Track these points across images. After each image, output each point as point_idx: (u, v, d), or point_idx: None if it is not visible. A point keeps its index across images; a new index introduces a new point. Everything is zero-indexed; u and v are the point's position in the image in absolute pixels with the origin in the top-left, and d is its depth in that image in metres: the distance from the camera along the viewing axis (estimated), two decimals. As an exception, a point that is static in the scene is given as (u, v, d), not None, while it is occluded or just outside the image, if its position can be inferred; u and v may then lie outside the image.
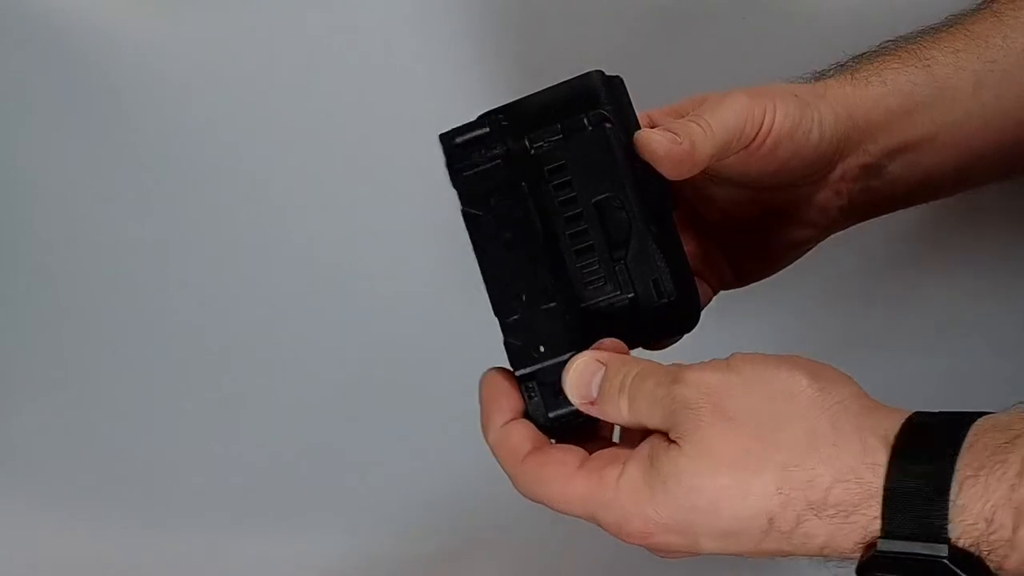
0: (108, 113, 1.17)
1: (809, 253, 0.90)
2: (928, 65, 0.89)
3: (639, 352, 0.80)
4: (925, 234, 1.17)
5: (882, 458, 0.68)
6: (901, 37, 0.91)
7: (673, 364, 0.73)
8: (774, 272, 0.89)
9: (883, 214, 0.91)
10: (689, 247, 0.85)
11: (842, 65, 0.89)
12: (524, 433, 0.76)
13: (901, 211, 0.92)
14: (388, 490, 1.26)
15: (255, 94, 1.17)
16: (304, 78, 1.17)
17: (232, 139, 1.18)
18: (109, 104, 1.17)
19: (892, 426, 0.69)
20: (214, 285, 1.23)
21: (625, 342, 0.77)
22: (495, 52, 1.14)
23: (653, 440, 0.72)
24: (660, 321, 0.78)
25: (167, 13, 1.15)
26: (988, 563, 0.67)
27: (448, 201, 1.15)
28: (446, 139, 0.80)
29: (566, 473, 0.73)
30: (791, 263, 0.89)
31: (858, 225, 0.90)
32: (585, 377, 0.75)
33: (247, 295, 1.23)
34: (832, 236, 0.90)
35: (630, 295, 0.77)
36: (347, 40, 1.16)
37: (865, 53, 0.90)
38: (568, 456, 0.74)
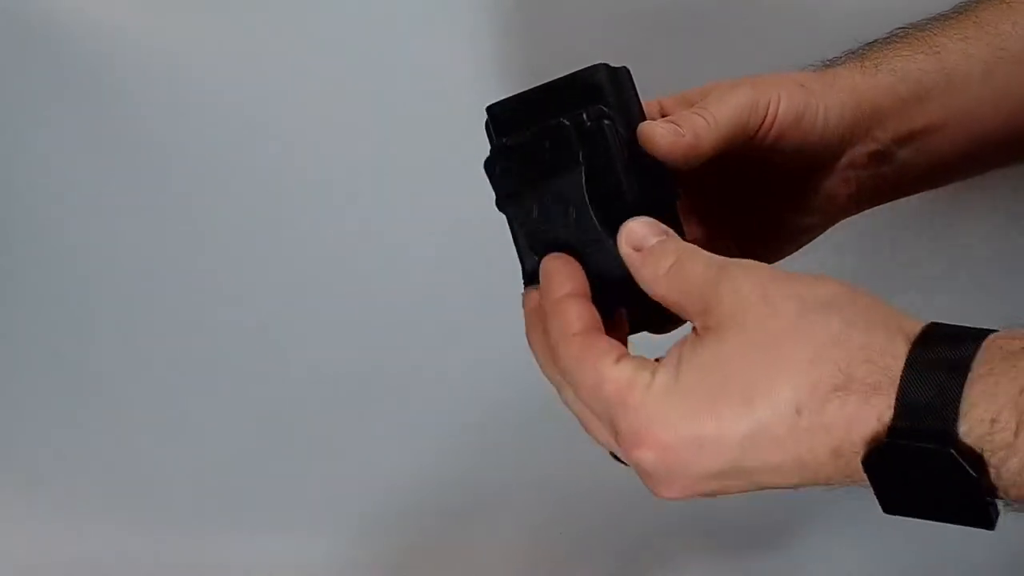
0: (110, 111, 1.17)
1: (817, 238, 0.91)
2: (938, 52, 0.89)
3: (643, 337, 0.81)
4: (933, 218, 1.17)
5: (903, 350, 0.69)
6: (911, 25, 0.91)
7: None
8: (780, 258, 0.89)
9: (892, 200, 0.91)
10: (695, 233, 0.86)
11: (852, 53, 0.89)
12: (582, 311, 0.75)
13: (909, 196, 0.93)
14: (385, 491, 1.27)
15: (258, 92, 1.16)
16: (308, 77, 1.16)
17: (234, 138, 1.18)
18: (112, 102, 1.17)
19: (914, 327, 0.70)
20: (213, 285, 1.23)
21: (629, 325, 0.80)
22: (498, 47, 1.13)
23: (682, 343, 0.72)
24: (655, 309, 0.79)
25: (170, 11, 1.14)
26: (988, 466, 0.68)
27: (448, 201, 1.16)
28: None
29: (607, 363, 0.73)
30: (798, 249, 0.90)
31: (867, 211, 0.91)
32: (651, 228, 0.76)
33: (246, 296, 1.23)
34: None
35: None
36: (350, 39, 1.15)
37: (875, 41, 0.90)
38: (613, 348, 0.74)
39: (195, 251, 1.22)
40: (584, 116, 0.79)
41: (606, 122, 0.79)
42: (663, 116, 0.84)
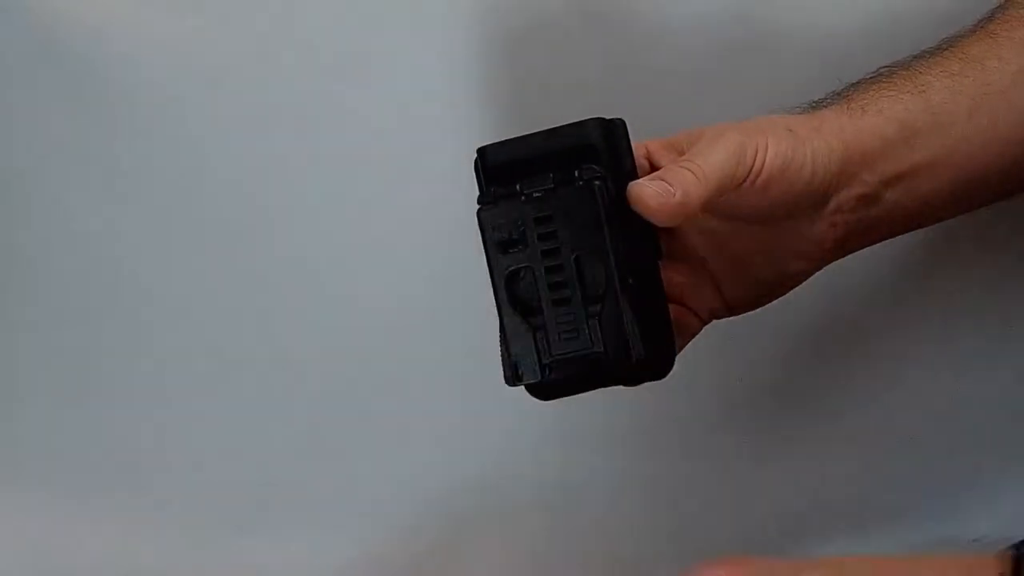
0: (109, 110, 1.16)
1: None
2: (923, 91, 0.88)
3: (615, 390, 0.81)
4: (925, 255, 1.16)
5: None
6: (896, 63, 0.91)
7: None
8: (765, 304, 0.89)
9: (880, 241, 0.91)
10: (679, 278, 0.86)
11: (837, 94, 0.89)
12: None
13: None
14: (387, 490, 1.25)
15: (249, 94, 1.16)
16: (301, 84, 1.16)
17: (228, 139, 1.17)
18: (110, 101, 1.16)
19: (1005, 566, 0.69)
20: (213, 284, 1.21)
21: (597, 384, 0.80)
22: (490, 78, 1.14)
23: None
24: (631, 372, 0.80)
25: (164, 10, 1.14)
26: None
27: (443, 210, 1.16)
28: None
29: None
30: (784, 294, 0.89)
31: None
32: None
33: (246, 295, 1.21)
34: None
35: (599, 351, 0.78)
36: (347, 39, 1.15)
37: (860, 81, 0.89)
38: None
39: (193, 249, 1.20)
40: (576, 174, 0.79)
41: (596, 183, 0.78)
42: (649, 161, 0.83)
